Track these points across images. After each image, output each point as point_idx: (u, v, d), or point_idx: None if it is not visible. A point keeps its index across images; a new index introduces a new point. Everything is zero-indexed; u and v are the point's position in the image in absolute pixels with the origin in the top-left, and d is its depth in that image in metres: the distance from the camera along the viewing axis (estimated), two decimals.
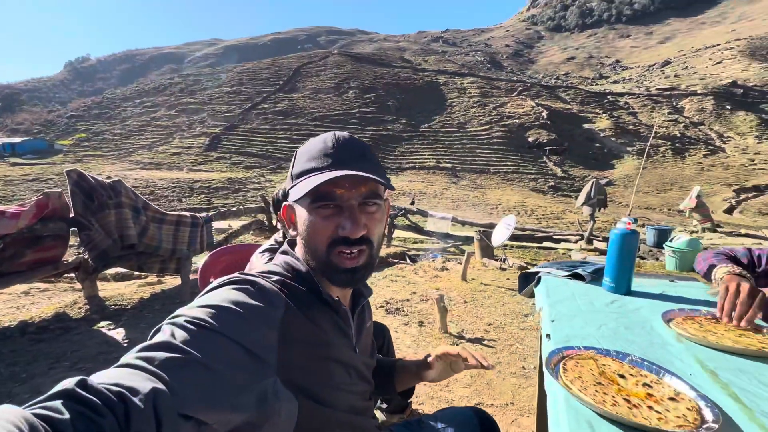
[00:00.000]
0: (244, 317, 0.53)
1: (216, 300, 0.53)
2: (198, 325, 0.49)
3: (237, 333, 0.51)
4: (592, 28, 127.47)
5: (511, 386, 2.27)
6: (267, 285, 0.59)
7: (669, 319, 1.00)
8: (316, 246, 0.63)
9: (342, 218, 0.62)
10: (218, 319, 0.50)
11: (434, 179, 28.89)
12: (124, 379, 0.40)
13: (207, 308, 0.51)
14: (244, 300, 0.54)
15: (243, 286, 0.57)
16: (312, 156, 0.64)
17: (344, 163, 0.63)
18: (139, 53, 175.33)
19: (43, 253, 3.10)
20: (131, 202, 3.43)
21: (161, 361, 0.44)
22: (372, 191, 0.64)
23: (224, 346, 0.49)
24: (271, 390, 0.52)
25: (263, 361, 0.52)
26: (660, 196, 25.07)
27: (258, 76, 51.14)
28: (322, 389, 0.61)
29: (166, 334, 0.47)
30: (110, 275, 4.87)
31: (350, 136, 0.67)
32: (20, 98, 74.54)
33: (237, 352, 0.49)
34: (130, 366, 0.43)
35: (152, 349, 0.45)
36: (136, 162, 30.32)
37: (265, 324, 0.55)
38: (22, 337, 2.67)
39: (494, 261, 5.72)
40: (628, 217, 1.16)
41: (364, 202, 0.63)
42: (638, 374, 0.73)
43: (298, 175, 0.64)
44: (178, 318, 0.50)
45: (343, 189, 0.61)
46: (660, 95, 46.82)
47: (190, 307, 0.53)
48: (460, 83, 50.45)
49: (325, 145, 0.65)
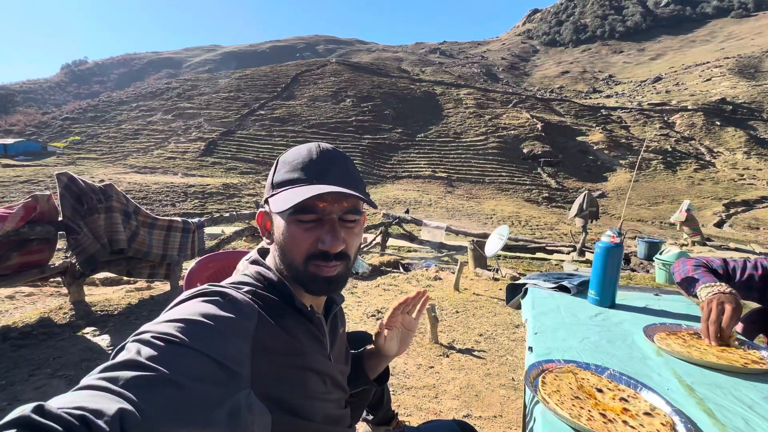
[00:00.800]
0: (214, 330, 0.51)
1: (184, 313, 0.52)
2: (165, 341, 0.47)
3: (207, 346, 0.49)
4: (586, 43, 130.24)
5: (500, 398, 2.26)
6: (238, 296, 0.58)
7: (651, 334, 1.01)
8: (293, 257, 0.63)
9: (322, 231, 0.62)
10: (187, 333, 0.48)
11: (430, 188, 29.03)
12: (87, 401, 0.38)
13: (175, 322, 0.49)
14: (214, 312, 0.53)
15: (213, 298, 0.55)
16: (295, 166, 0.64)
17: (327, 176, 0.63)
18: (137, 57, 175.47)
19: (29, 257, 3.05)
20: (122, 207, 3.40)
21: (127, 380, 0.41)
22: (353, 206, 0.64)
23: (194, 361, 0.47)
24: (245, 403, 0.51)
25: (236, 374, 0.51)
26: (652, 208, 25.40)
27: (256, 83, 51.37)
28: (297, 399, 0.60)
29: (131, 351, 0.45)
30: (98, 280, 4.80)
31: (334, 149, 0.67)
32: (15, 99, 73.99)
33: (208, 366, 0.48)
34: (92, 387, 0.40)
35: (116, 368, 0.43)
36: (130, 166, 30.12)
37: (237, 336, 0.53)
38: (4, 342, 2.60)
39: (487, 271, 5.73)
40: (612, 229, 1.15)
41: (343, 216, 0.63)
42: (616, 388, 0.74)
43: (280, 185, 0.64)
44: (144, 334, 0.48)
45: (325, 203, 0.61)
46: (652, 110, 47.75)
47: (157, 322, 0.51)
48: (457, 94, 51.08)
49: (309, 156, 0.64)
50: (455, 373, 2.52)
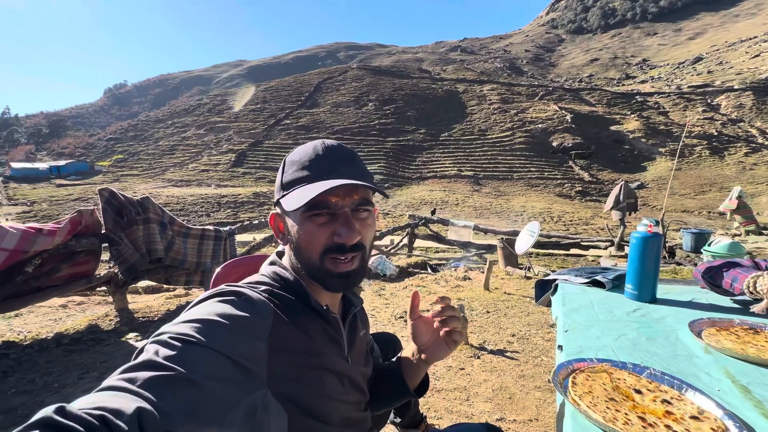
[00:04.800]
0: (231, 329, 0.51)
1: (201, 314, 0.52)
2: (183, 341, 0.47)
3: (224, 346, 0.49)
4: (615, 27, 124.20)
5: (535, 401, 2.16)
6: (254, 295, 0.58)
7: (699, 330, 0.92)
8: (310, 253, 0.62)
9: (336, 225, 0.61)
10: (204, 333, 0.49)
11: (456, 187, 28.62)
12: (107, 401, 0.39)
13: (192, 323, 0.50)
14: (230, 312, 0.53)
15: (229, 298, 0.56)
16: (302, 165, 0.64)
17: (335, 171, 0.62)
18: (171, 77, 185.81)
19: (77, 268, 3.27)
20: (158, 218, 3.57)
21: (145, 380, 0.42)
22: (364, 198, 0.63)
23: (211, 360, 0.47)
24: (261, 403, 0.51)
25: (252, 373, 0.51)
26: (698, 198, 23.71)
27: (281, 93, 52.90)
28: (314, 399, 0.59)
29: (149, 352, 0.46)
30: (141, 288, 5.07)
31: (338, 144, 0.67)
32: (65, 124, 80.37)
33: (225, 366, 0.48)
34: (112, 388, 0.41)
35: (135, 369, 0.44)
36: (168, 180, 31.84)
37: (254, 335, 0.54)
38: (57, 348, 2.80)
39: (518, 269, 5.55)
40: (649, 218, 1.07)
41: (356, 208, 0.63)
42: (657, 389, 0.67)
43: (289, 184, 0.64)
44: (162, 335, 0.49)
45: (337, 197, 0.61)
46: (693, 93, 44.71)
47: (175, 323, 0.51)
48: (480, 90, 50.18)
49: (314, 153, 0.64)
50: (487, 374, 2.44)
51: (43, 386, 2.27)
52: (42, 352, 2.75)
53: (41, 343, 2.87)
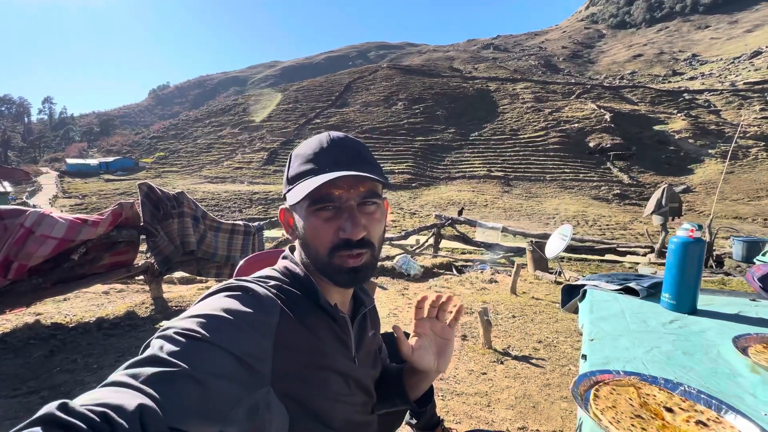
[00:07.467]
0: (236, 325, 0.50)
1: (207, 309, 0.51)
2: (187, 336, 0.47)
3: (228, 342, 0.48)
4: (662, 21, 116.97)
5: (561, 411, 2.06)
6: (261, 291, 0.57)
7: (744, 346, 0.84)
8: (317, 249, 0.61)
9: (342, 220, 0.60)
10: (209, 328, 0.48)
11: (485, 188, 28.04)
12: (109, 398, 0.39)
13: (197, 318, 0.49)
14: (236, 307, 0.52)
15: (236, 293, 0.55)
16: (307, 158, 0.62)
17: (340, 164, 0.60)
18: (209, 78, 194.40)
19: (118, 257, 3.48)
20: (192, 212, 3.74)
21: (148, 376, 0.42)
22: (370, 190, 0.61)
23: (215, 356, 0.47)
24: (263, 401, 0.50)
25: (256, 371, 0.50)
26: (752, 204, 21.89)
27: (312, 93, 53.95)
28: (318, 400, 0.58)
29: (154, 348, 0.46)
30: (176, 279, 5.33)
31: (345, 136, 0.65)
32: (114, 123, 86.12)
33: (228, 362, 0.47)
34: (115, 384, 0.41)
35: (139, 364, 0.44)
36: (204, 176, 33.35)
37: (259, 332, 0.53)
38: (98, 331, 2.99)
39: (548, 274, 5.34)
40: (690, 222, 0.99)
41: (362, 202, 0.61)
42: (692, 409, 0.61)
43: (294, 178, 0.63)
44: (168, 330, 0.48)
45: (341, 190, 0.59)
46: (749, 90, 41.28)
47: (182, 317, 0.51)
48: (513, 89, 48.86)
49: (320, 146, 0.62)
50: (510, 381, 2.36)
51: (83, 366, 2.43)
52: (84, 334, 2.94)
53: (84, 326, 3.07)
